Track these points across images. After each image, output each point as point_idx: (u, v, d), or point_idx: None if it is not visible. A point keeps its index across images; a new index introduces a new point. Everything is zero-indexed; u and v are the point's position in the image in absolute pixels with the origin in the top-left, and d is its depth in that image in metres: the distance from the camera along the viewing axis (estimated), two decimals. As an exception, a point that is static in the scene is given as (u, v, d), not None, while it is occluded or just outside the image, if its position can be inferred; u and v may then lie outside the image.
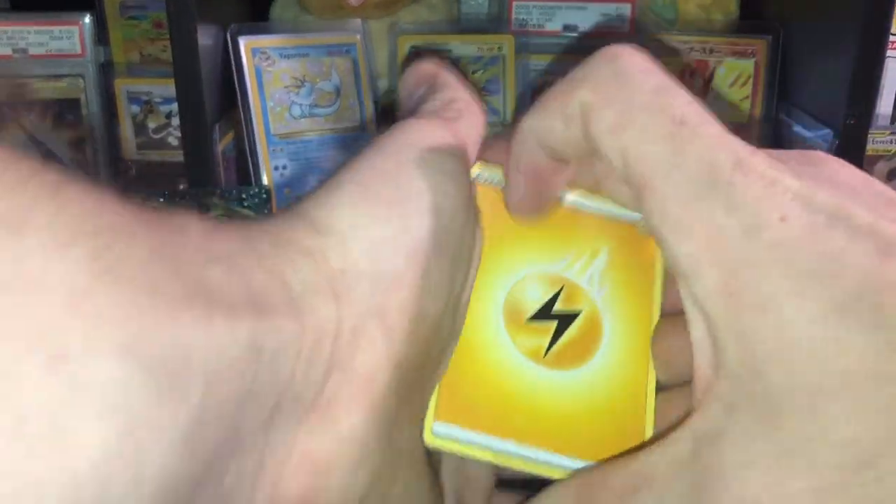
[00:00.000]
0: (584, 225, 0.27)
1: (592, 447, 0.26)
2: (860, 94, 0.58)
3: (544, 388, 0.26)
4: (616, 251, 0.28)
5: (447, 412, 0.25)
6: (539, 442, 0.26)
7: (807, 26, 0.67)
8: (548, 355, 0.26)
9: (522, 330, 0.26)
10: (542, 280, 0.27)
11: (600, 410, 0.27)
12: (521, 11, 0.74)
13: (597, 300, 0.27)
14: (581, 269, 0.27)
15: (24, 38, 0.76)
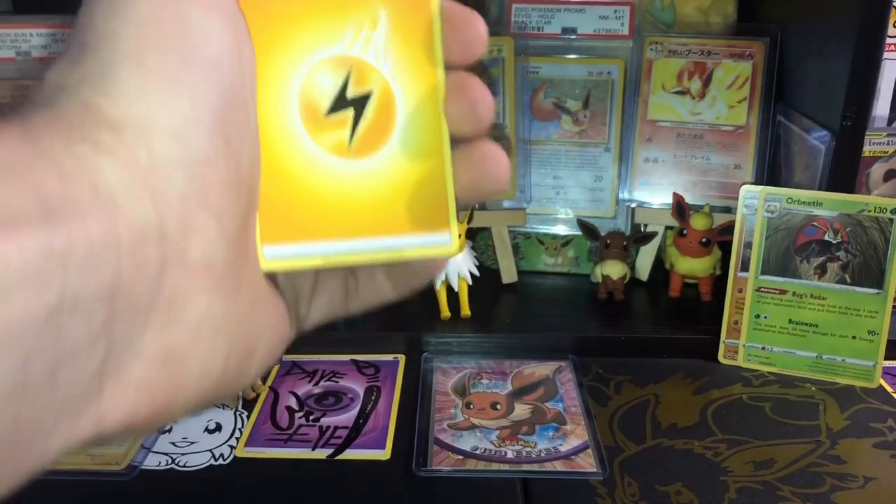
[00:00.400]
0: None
1: (406, 220, 0.27)
2: (857, 96, 0.59)
3: (355, 180, 0.26)
4: (394, 11, 0.26)
5: (270, 233, 0.25)
6: (359, 232, 0.26)
7: (804, 29, 0.68)
8: (352, 145, 0.26)
9: (322, 127, 0.26)
10: (329, 66, 0.26)
11: (407, 184, 0.27)
12: (521, 14, 0.74)
13: (385, 73, 0.26)
14: (365, 43, 0.26)
15: (27, 40, 0.76)
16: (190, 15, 0.22)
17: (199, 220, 0.21)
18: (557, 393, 0.59)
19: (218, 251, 0.22)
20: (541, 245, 0.76)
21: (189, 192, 0.21)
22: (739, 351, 0.62)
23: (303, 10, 0.26)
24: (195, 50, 0.21)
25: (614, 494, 0.48)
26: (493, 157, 0.27)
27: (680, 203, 0.69)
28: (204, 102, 0.21)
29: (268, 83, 0.25)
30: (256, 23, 0.25)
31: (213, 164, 0.21)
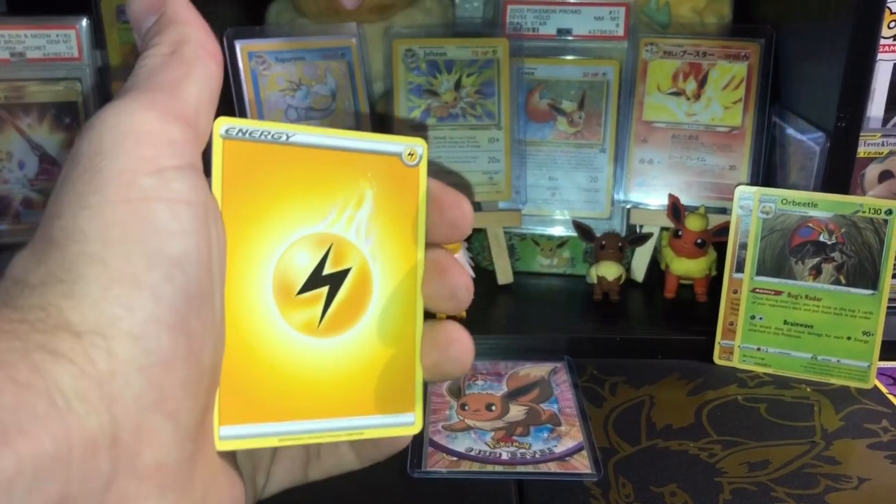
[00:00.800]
0: (346, 169, 0.26)
1: (370, 400, 0.27)
2: (851, 97, 0.59)
3: (321, 359, 0.26)
4: (381, 191, 0.26)
5: (229, 415, 0.24)
6: (321, 413, 0.26)
7: (799, 30, 0.68)
8: (322, 324, 0.26)
9: (294, 305, 0.25)
10: (309, 244, 0.26)
11: (375, 364, 0.27)
12: (516, 15, 0.74)
13: (365, 251, 0.26)
14: (347, 222, 0.26)
15: (22, 41, 0.76)
16: (156, 211, 0.21)
17: (154, 424, 0.20)
18: (552, 394, 0.59)
19: (171, 452, 0.21)
20: (536, 246, 0.76)
21: (146, 396, 0.20)
22: (734, 352, 0.63)
23: (288, 189, 0.25)
24: (160, 250, 0.21)
25: (609, 495, 0.48)
26: (458, 340, 0.27)
27: (675, 204, 0.69)
28: (167, 304, 0.21)
29: (243, 261, 0.25)
30: (238, 200, 0.24)
31: (172, 365, 0.21)
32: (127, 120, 0.22)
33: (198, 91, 0.23)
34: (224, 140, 0.24)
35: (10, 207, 0.78)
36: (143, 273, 0.21)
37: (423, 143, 0.27)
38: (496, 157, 0.72)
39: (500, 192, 0.72)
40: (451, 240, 0.28)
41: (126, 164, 0.21)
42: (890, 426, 0.55)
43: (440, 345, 0.27)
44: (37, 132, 0.77)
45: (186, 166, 0.22)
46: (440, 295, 0.27)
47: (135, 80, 0.23)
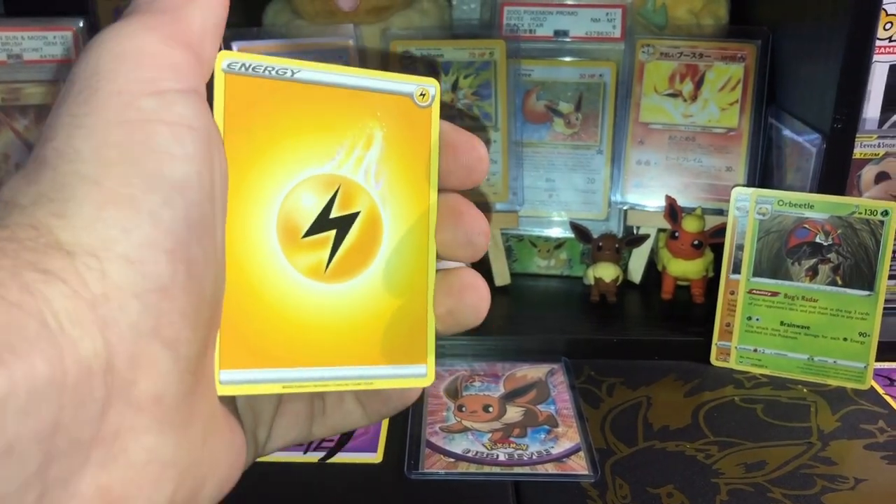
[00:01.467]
0: (354, 108, 0.25)
1: (380, 349, 0.26)
2: (847, 99, 0.59)
3: (328, 305, 0.25)
4: (391, 133, 0.25)
5: (231, 358, 0.24)
6: (327, 360, 0.25)
7: (795, 31, 0.68)
8: (329, 269, 0.25)
9: (299, 248, 0.24)
10: (315, 185, 0.25)
11: (385, 312, 0.26)
12: (513, 17, 0.74)
13: (374, 195, 0.25)
14: (356, 164, 0.25)
15: (19, 43, 0.76)
16: (158, 134, 0.20)
17: (151, 352, 0.20)
18: (549, 395, 0.59)
19: (170, 384, 0.20)
20: (533, 247, 0.77)
21: (143, 322, 0.19)
22: (731, 353, 0.63)
23: (292, 127, 0.24)
24: (160, 172, 0.20)
25: (605, 497, 0.48)
26: (473, 286, 0.26)
27: (672, 205, 0.69)
28: (166, 227, 0.20)
29: (246, 199, 0.24)
30: (240, 137, 0.24)
31: (170, 292, 0.20)
32: (126, 41, 0.21)
33: (202, 17, 0.22)
34: (226, 74, 0.23)
35: (6, 209, 0.77)
36: (141, 195, 0.20)
37: (436, 83, 0.26)
38: (493, 159, 0.72)
39: (497, 193, 0.72)
40: (465, 185, 0.27)
41: (125, 84, 0.20)
42: (886, 427, 0.55)
43: (454, 291, 0.26)
44: (34, 134, 0.77)
45: (189, 90, 0.21)
46: (456, 241, 0.26)
47: (135, 3, 0.22)
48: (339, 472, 0.51)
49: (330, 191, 0.25)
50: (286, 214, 0.24)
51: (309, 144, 0.24)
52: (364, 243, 0.25)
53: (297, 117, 0.24)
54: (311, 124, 0.24)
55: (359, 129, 0.25)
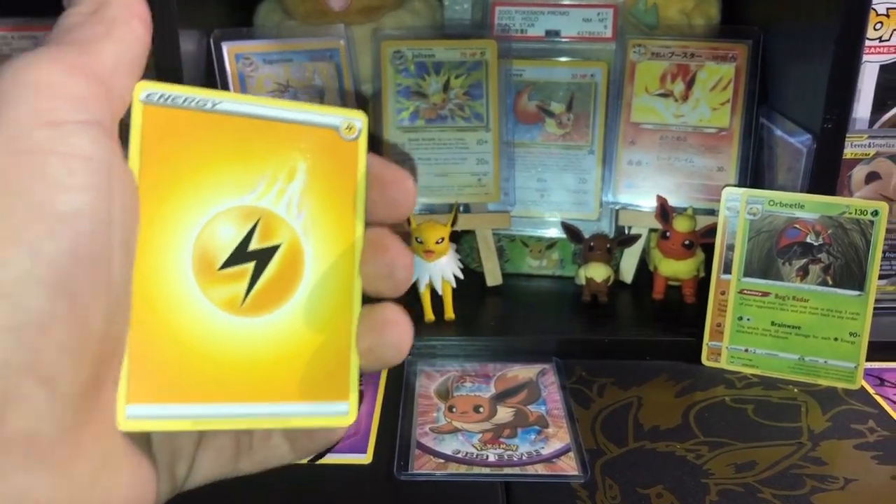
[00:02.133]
0: (276, 140, 0.25)
1: (299, 386, 0.25)
2: (837, 99, 0.59)
3: (245, 340, 0.24)
4: (316, 165, 0.25)
5: (138, 392, 0.23)
6: (242, 396, 0.24)
7: (786, 31, 0.68)
8: (246, 302, 0.24)
9: (215, 280, 0.24)
10: (233, 216, 0.24)
11: (305, 347, 0.25)
12: (504, 17, 0.74)
13: (296, 227, 0.25)
14: (277, 195, 0.25)
15: (8, 43, 0.76)
16: (48, 165, 0.20)
17: (23, 389, 0.19)
18: (540, 396, 0.58)
19: (46, 420, 0.20)
20: (525, 247, 0.76)
21: (15, 357, 0.19)
22: (722, 353, 0.63)
23: (212, 159, 0.24)
24: (47, 203, 0.20)
25: (595, 497, 0.48)
26: (395, 322, 0.26)
27: (663, 205, 0.69)
28: (47, 260, 0.19)
29: (160, 230, 0.23)
30: (157, 168, 0.23)
31: (49, 326, 0.19)
32: (29, 71, 0.21)
33: (116, 50, 0.22)
34: (144, 105, 0.23)
35: None
36: (23, 227, 0.19)
37: (363, 115, 0.26)
38: (485, 159, 0.72)
39: (488, 193, 0.72)
40: (393, 218, 0.27)
41: (19, 114, 0.20)
42: (876, 427, 0.55)
43: (376, 327, 0.26)
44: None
45: (91, 122, 0.21)
46: (377, 273, 0.26)
47: (49, 36, 0.22)
48: (329, 472, 0.51)
49: (249, 222, 0.24)
50: (203, 246, 0.24)
51: (228, 176, 0.24)
52: (284, 276, 0.25)
53: (217, 148, 0.24)
54: (230, 155, 0.24)
55: (281, 160, 0.25)
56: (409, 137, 0.71)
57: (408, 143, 0.71)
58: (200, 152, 0.24)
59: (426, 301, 0.67)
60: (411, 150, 0.71)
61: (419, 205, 0.71)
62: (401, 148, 0.71)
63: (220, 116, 0.24)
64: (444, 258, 0.65)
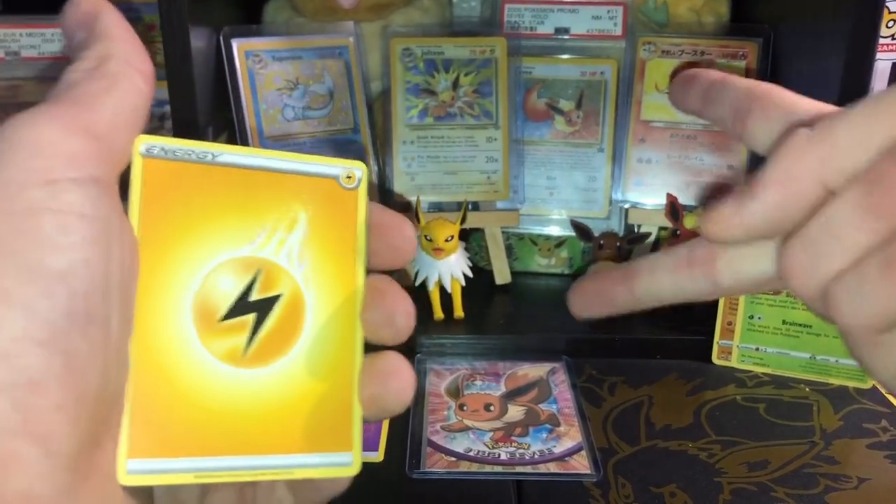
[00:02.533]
0: (276, 190, 0.25)
1: (302, 437, 0.25)
2: (849, 97, 0.59)
3: (246, 392, 0.24)
4: (316, 215, 0.25)
5: (139, 447, 0.23)
6: (245, 449, 0.24)
7: (797, 29, 0.68)
8: (247, 353, 0.24)
9: (216, 332, 0.24)
10: (234, 267, 0.24)
11: (307, 398, 0.25)
12: (514, 14, 0.74)
13: (298, 277, 0.25)
14: (278, 246, 0.25)
15: (17, 40, 0.76)
16: (42, 223, 0.20)
17: (17, 449, 0.19)
18: (551, 394, 0.58)
19: (42, 480, 0.19)
20: (534, 246, 0.76)
21: (9, 419, 0.19)
22: (733, 352, 0.62)
23: (212, 210, 0.24)
24: (40, 263, 0.20)
25: (608, 496, 0.48)
26: (397, 372, 0.26)
27: (673, 204, 0.69)
28: (42, 319, 0.19)
29: (160, 283, 0.23)
30: (157, 220, 0.23)
31: (43, 385, 0.19)
32: (24, 130, 0.21)
33: (116, 106, 0.22)
34: (144, 158, 0.23)
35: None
36: (16, 287, 0.19)
37: (363, 165, 0.26)
38: (494, 157, 0.71)
39: (497, 191, 0.72)
40: (393, 265, 0.27)
41: (14, 174, 0.20)
42: (889, 426, 0.55)
43: (378, 376, 0.26)
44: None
45: (87, 179, 0.21)
46: (377, 321, 0.26)
47: (51, 92, 0.22)
48: (340, 471, 0.51)
49: (250, 273, 0.24)
50: (203, 298, 0.24)
51: (228, 227, 0.24)
52: (286, 326, 0.25)
53: (217, 200, 0.24)
54: (231, 207, 0.24)
55: (281, 211, 0.25)
56: (418, 135, 0.71)
57: (416, 140, 0.71)
58: (201, 204, 0.24)
59: (435, 299, 0.66)
60: (420, 148, 0.71)
61: (428, 202, 0.71)
62: (409, 146, 0.71)
63: (220, 168, 0.24)
64: (454, 256, 0.65)
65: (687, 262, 0.27)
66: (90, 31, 0.24)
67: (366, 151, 0.72)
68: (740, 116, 0.27)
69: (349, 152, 0.71)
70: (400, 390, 0.26)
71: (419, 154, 0.71)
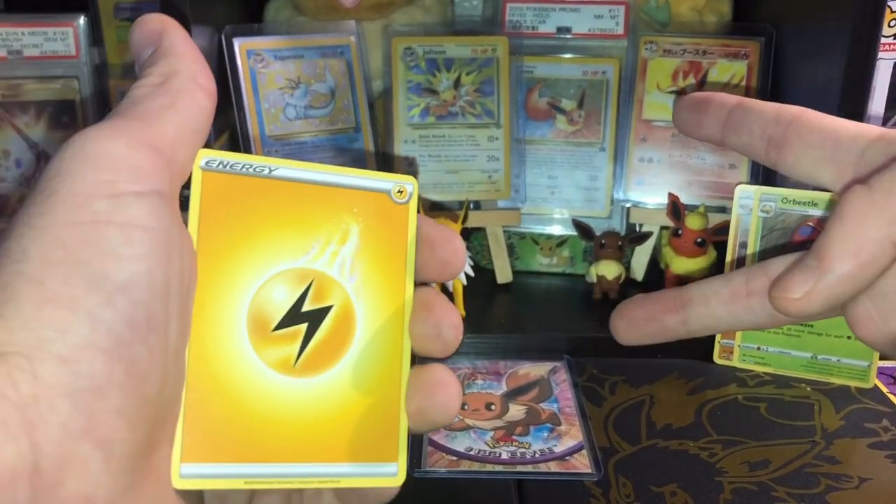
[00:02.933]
0: (330, 204, 0.25)
1: (349, 446, 0.25)
2: (851, 96, 0.59)
3: (296, 401, 0.25)
4: (368, 228, 0.26)
5: (192, 452, 0.24)
6: (294, 457, 0.25)
7: (799, 28, 0.68)
8: (298, 363, 0.25)
9: (269, 341, 0.25)
10: (288, 278, 0.25)
11: (355, 408, 0.26)
12: (515, 13, 0.74)
13: (348, 289, 0.26)
14: (331, 258, 0.25)
15: (19, 39, 0.76)
16: (107, 235, 0.21)
17: (80, 452, 0.20)
18: (552, 393, 0.58)
19: (102, 483, 0.20)
20: (535, 245, 0.76)
21: (73, 422, 0.19)
22: (734, 351, 0.62)
23: (268, 223, 0.25)
24: (105, 273, 0.20)
25: (609, 495, 0.48)
26: (444, 384, 0.26)
27: (675, 203, 0.68)
28: (105, 328, 0.20)
29: (216, 292, 0.24)
30: (215, 232, 0.24)
31: (105, 391, 0.20)
32: (92, 144, 0.22)
33: (179, 122, 0.23)
34: (204, 172, 0.24)
35: (7, 206, 0.77)
36: (81, 295, 0.20)
37: (414, 180, 0.27)
38: (495, 156, 0.71)
39: (499, 190, 0.72)
40: (442, 278, 0.27)
41: (81, 186, 0.21)
42: (890, 426, 0.55)
43: (425, 388, 0.26)
44: (34, 130, 0.77)
45: (150, 193, 0.22)
46: (425, 333, 0.26)
47: (117, 108, 0.23)
48: (341, 470, 0.51)
49: (303, 284, 0.25)
50: (257, 307, 0.25)
51: (284, 239, 0.25)
52: (336, 337, 0.25)
53: (273, 213, 0.25)
54: (286, 220, 0.25)
55: (334, 224, 0.25)
56: (420, 134, 0.71)
57: (418, 139, 0.71)
58: (257, 217, 0.25)
59: (437, 298, 0.66)
60: (421, 147, 0.71)
61: (429, 201, 0.71)
62: (410, 145, 0.71)
63: (276, 182, 0.25)
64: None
65: (746, 293, 0.27)
66: (157, 48, 0.24)
67: (367, 151, 0.72)
68: (776, 145, 0.26)
69: (350, 151, 0.71)
70: (446, 403, 0.26)
71: (420, 153, 0.71)
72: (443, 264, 0.27)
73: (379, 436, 0.26)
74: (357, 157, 0.71)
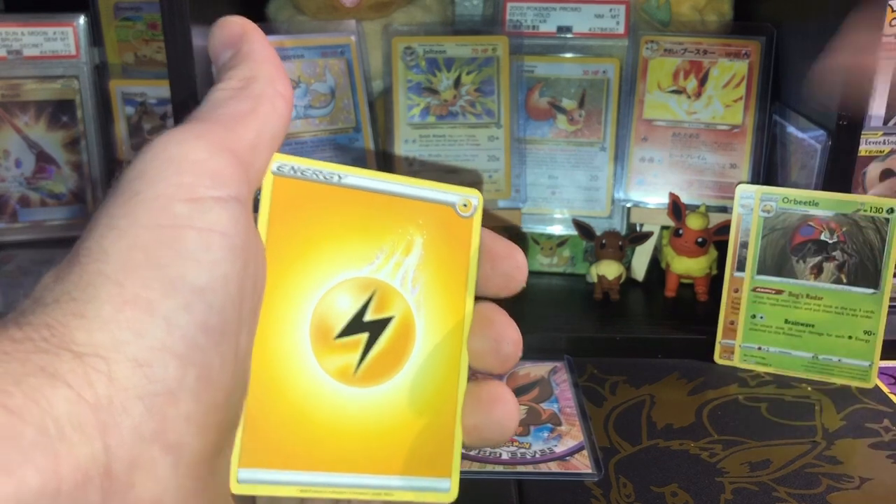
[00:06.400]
0: (396, 214, 0.25)
1: (403, 459, 0.25)
2: (853, 96, 0.59)
3: (354, 410, 0.25)
4: (431, 240, 0.26)
5: (250, 457, 0.24)
6: (348, 467, 0.25)
7: (800, 28, 0.68)
8: (358, 372, 0.25)
9: (331, 349, 0.25)
10: (351, 287, 0.25)
11: (411, 421, 0.25)
12: (516, 13, 0.74)
13: (410, 300, 0.26)
14: (394, 269, 0.25)
15: (19, 39, 0.76)
16: (186, 239, 0.21)
17: (151, 455, 0.20)
18: (552, 393, 0.58)
19: (169, 488, 0.20)
20: (536, 245, 0.76)
21: (145, 425, 0.19)
22: (735, 351, 0.62)
23: (334, 230, 0.25)
24: (183, 277, 0.20)
25: (609, 495, 0.47)
26: (501, 400, 0.26)
27: (676, 203, 0.68)
28: (180, 332, 0.20)
29: (282, 298, 0.24)
30: (283, 237, 0.24)
31: (177, 396, 0.20)
32: (174, 147, 0.22)
33: (258, 128, 0.23)
34: (275, 177, 0.24)
35: (7, 206, 0.77)
36: (159, 299, 0.20)
37: (479, 194, 0.27)
38: (496, 156, 0.71)
39: (499, 190, 0.72)
40: (503, 293, 0.27)
41: (163, 189, 0.21)
42: (891, 426, 0.55)
43: (482, 404, 0.26)
44: (34, 130, 0.77)
45: (229, 198, 0.22)
46: (483, 348, 0.26)
47: (198, 110, 0.23)
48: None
49: (366, 294, 0.25)
50: (321, 315, 0.25)
51: (349, 247, 0.25)
52: (396, 348, 0.25)
53: (340, 221, 0.25)
54: (352, 228, 0.25)
55: (399, 234, 0.25)
56: (420, 134, 0.71)
57: (418, 139, 0.71)
58: (324, 223, 0.25)
59: (437, 298, 0.66)
60: (422, 147, 0.71)
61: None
62: (411, 145, 0.71)
63: (345, 190, 0.25)
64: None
65: None
66: (236, 52, 0.24)
67: (367, 150, 0.72)
68: None
69: (350, 151, 0.71)
70: (503, 421, 0.26)
71: (421, 153, 0.71)
72: (505, 279, 0.27)
73: (433, 450, 0.26)
74: (357, 156, 0.71)
